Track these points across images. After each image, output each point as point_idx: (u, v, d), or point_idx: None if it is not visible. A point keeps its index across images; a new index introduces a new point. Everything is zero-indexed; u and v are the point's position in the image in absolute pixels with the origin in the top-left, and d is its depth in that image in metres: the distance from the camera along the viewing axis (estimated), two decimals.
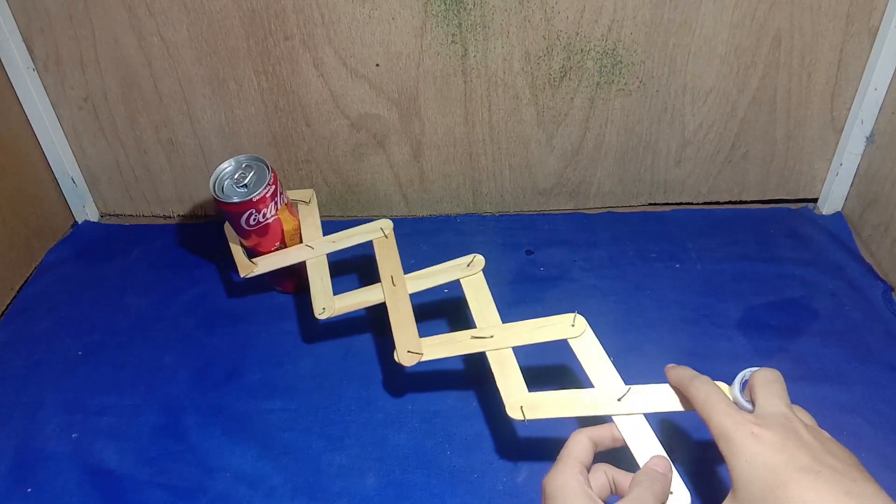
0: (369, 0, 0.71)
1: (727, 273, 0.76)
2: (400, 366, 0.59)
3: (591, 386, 0.53)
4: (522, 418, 0.53)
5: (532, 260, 0.79)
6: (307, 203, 0.75)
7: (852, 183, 0.82)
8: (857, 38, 0.73)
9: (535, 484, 0.57)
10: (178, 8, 0.72)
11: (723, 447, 0.43)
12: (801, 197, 0.86)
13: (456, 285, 0.64)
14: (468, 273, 0.64)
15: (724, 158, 0.83)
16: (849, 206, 0.83)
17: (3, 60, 0.75)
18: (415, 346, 0.59)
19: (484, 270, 0.64)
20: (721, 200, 0.86)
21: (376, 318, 0.73)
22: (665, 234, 0.82)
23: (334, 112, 0.79)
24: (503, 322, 0.60)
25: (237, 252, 0.72)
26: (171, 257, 0.82)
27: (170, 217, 0.89)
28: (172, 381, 0.67)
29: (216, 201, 0.67)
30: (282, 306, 0.75)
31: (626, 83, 0.77)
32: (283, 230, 0.71)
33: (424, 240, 0.82)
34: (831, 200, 0.83)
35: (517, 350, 0.58)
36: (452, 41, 0.73)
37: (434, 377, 0.66)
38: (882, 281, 0.74)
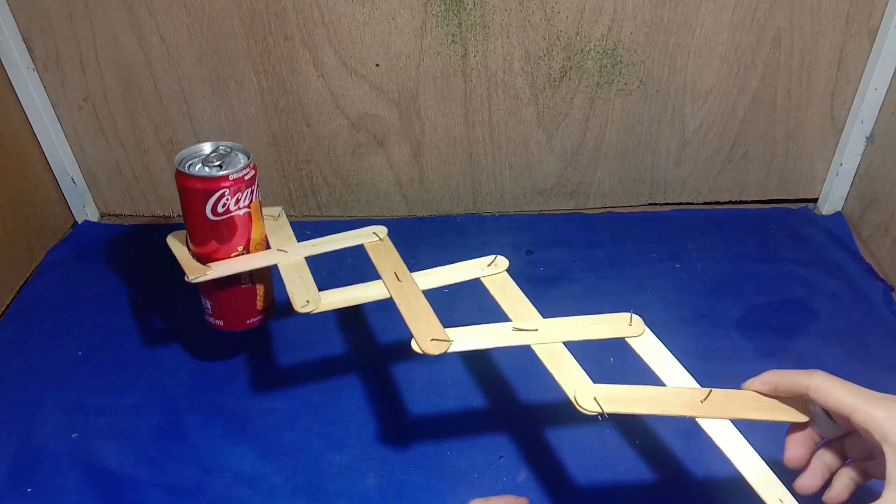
0: (369, 0, 0.71)
1: (727, 273, 0.76)
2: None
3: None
4: (600, 411, 0.46)
5: (532, 260, 0.79)
6: (275, 219, 0.66)
7: (852, 183, 0.82)
8: (857, 38, 0.73)
9: (535, 484, 0.57)
10: (178, 8, 0.72)
11: (877, 437, 0.39)
12: (801, 197, 0.86)
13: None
14: (490, 273, 0.59)
15: (724, 158, 0.83)
16: (849, 206, 0.83)
17: (3, 60, 0.75)
18: (439, 334, 0.53)
19: None
20: (721, 200, 0.86)
21: (377, 317, 0.73)
22: (665, 234, 0.82)
23: (334, 112, 0.79)
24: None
25: (182, 253, 0.61)
26: (171, 257, 0.82)
27: (170, 217, 0.89)
28: (172, 381, 0.67)
29: (179, 179, 0.57)
30: (281, 306, 0.75)
31: (626, 83, 0.77)
32: (250, 231, 0.60)
33: (424, 240, 0.82)
34: (831, 200, 0.83)
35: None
36: (452, 41, 0.73)
37: (434, 377, 0.66)
38: (882, 281, 0.74)
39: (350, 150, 0.82)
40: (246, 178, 0.57)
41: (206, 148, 0.60)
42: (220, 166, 0.57)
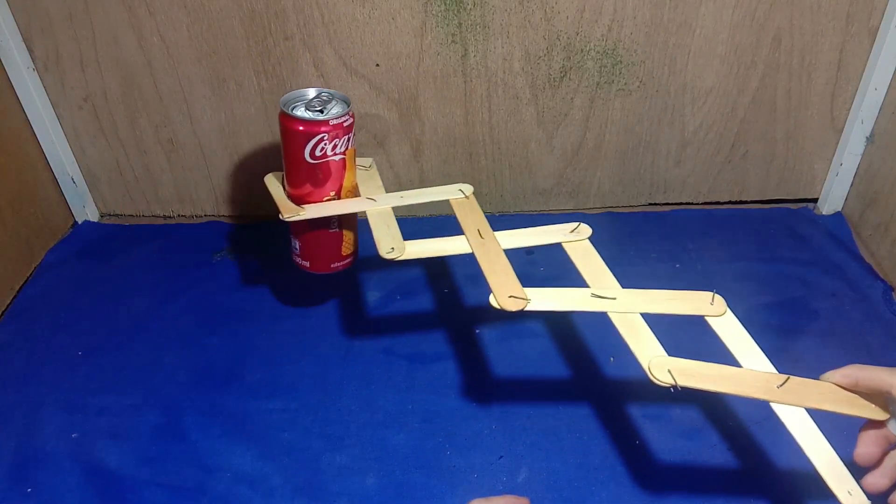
0: (369, 0, 0.71)
1: (727, 273, 0.76)
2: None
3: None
4: (673, 383, 0.45)
5: (532, 260, 0.79)
6: (367, 169, 0.68)
7: (852, 183, 0.82)
8: (857, 38, 0.73)
9: (535, 484, 0.57)
10: (178, 8, 0.72)
11: None
12: (801, 197, 0.86)
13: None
14: (572, 238, 0.59)
15: (724, 158, 0.83)
16: (849, 206, 0.83)
17: (3, 60, 0.75)
18: (518, 292, 0.52)
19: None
20: (721, 200, 0.86)
21: (376, 318, 0.73)
22: (665, 234, 0.82)
23: None
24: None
25: (279, 194, 0.64)
26: (171, 257, 0.82)
27: (170, 217, 0.89)
28: (172, 381, 0.67)
29: (282, 120, 0.60)
30: (282, 306, 0.75)
31: (626, 83, 0.77)
32: (343, 178, 0.62)
33: (426, 238, 0.82)
34: (831, 200, 0.83)
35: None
36: (452, 41, 0.73)
37: (434, 377, 0.66)
38: (882, 281, 0.74)
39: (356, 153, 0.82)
40: (345, 124, 0.60)
41: (311, 93, 0.62)
42: (321, 111, 0.60)
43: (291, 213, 0.61)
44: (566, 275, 0.76)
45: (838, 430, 0.45)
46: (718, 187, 0.85)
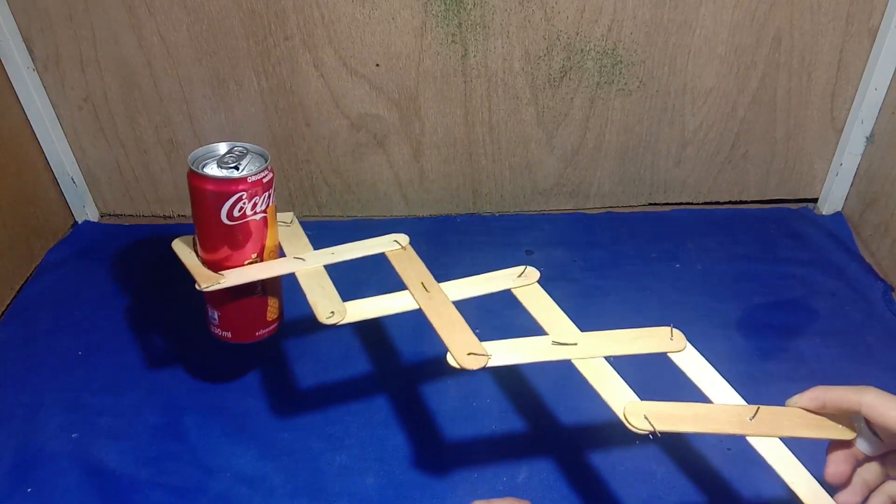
0: (369, 0, 0.71)
1: (727, 273, 0.76)
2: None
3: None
4: (652, 429, 0.45)
5: (532, 260, 0.79)
6: (288, 224, 0.63)
7: (852, 183, 0.82)
8: (857, 38, 0.73)
9: (535, 484, 0.57)
10: (178, 8, 0.72)
11: None
12: (801, 197, 0.86)
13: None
14: (521, 283, 0.57)
15: (724, 158, 0.83)
16: (849, 206, 0.83)
17: (3, 60, 0.75)
18: (476, 348, 0.51)
19: (483, 270, 0.64)
20: (721, 200, 0.86)
21: (376, 318, 0.73)
22: (665, 234, 0.82)
23: (334, 112, 0.79)
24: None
25: (191, 261, 0.58)
26: (170, 257, 0.82)
27: (170, 217, 0.89)
28: (172, 381, 0.67)
29: (193, 180, 0.54)
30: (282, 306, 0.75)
31: (626, 83, 0.77)
32: (265, 238, 0.57)
33: (424, 240, 0.82)
34: (831, 200, 0.83)
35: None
36: (452, 41, 0.73)
37: (434, 377, 0.66)
38: (882, 281, 0.74)
39: (350, 150, 0.82)
40: (264, 180, 0.55)
41: (222, 148, 0.57)
42: (237, 168, 0.54)
43: (209, 282, 0.55)
44: (566, 275, 0.77)
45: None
46: (718, 187, 0.85)
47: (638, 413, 0.46)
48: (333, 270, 0.59)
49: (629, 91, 0.77)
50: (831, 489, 0.44)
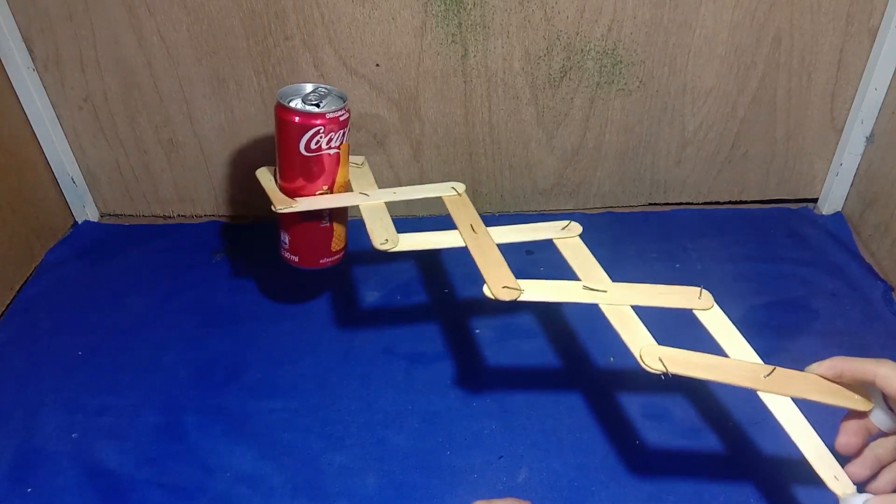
0: (369, 0, 0.71)
1: (727, 273, 0.76)
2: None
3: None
4: (664, 370, 0.47)
5: (532, 260, 0.79)
6: (359, 166, 0.69)
7: (852, 183, 0.82)
8: (857, 38, 0.73)
9: (535, 484, 0.57)
10: (178, 8, 0.72)
11: None
12: (801, 197, 0.86)
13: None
14: (563, 235, 0.60)
15: (724, 158, 0.83)
16: (849, 206, 0.83)
17: (3, 60, 0.75)
18: (511, 283, 0.54)
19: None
20: (721, 200, 0.86)
21: (376, 318, 0.73)
22: (665, 234, 0.82)
23: None
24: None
25: (271, 186, 0.64)
26: (171, 257, 0.82)
27: (170, 217, 0.89)
28: (172, 381, 0.67)
29: (279, 112, 0.60)
30: (282, 306, 0.75)
31: (626, 83, 0.77)
32: (336, 173, 0.63)
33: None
34: (831, 200, 0.83)
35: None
36: (452, 41, 0.73)
37: (434, 377, 0.66)
38: (882, 281, 0.74)
39: (350, 150, 0.82)
40: (340, 119, 0.60)
41: (308, 88, 0.63)
42: (318, 105, 0.60)
43: (284, 205, 0.62)
44: (566, 275, 0.77)
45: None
46: (718, 187, 0.85)
47: (653, 355, 0.48)
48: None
49: (629, 91, 0.77)
50: (842, 459, 0.45)
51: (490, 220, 0.86)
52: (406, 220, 0.85)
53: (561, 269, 0.78)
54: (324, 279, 0.78)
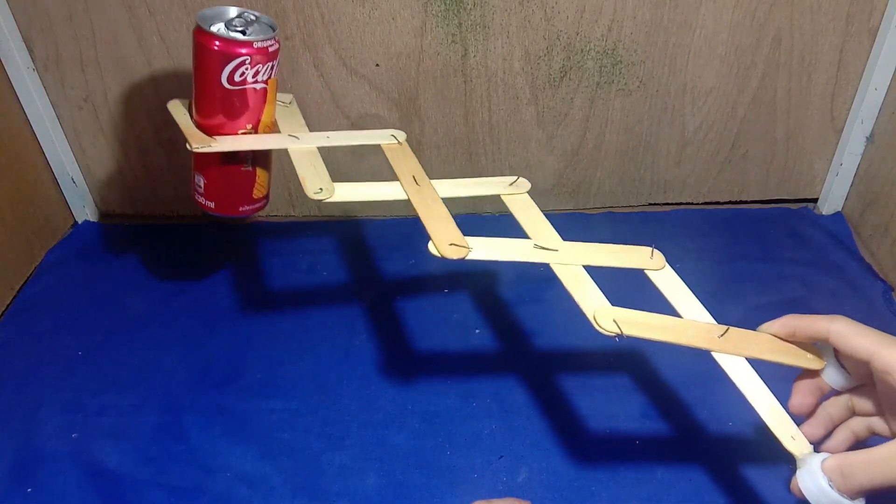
0: (369, 0, 0.71)
1: (727, 273, 0.76)
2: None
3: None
4: (618, 332, 0.45)
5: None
6: (286, 105, 0.62)
7: (852, 183, 0.82)
8: (857, 38, 0.73)
9: (535, 484, 0.57)
10: (178, 8, 0.72)
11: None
12: (801, 197, 0.86)
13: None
14: (511, 191, 0.57)
15: (724, 158, 0.83)
16: (849, 206, 0.83)
17: (3, 60, 0.75)
18: (458, 240, 0.51)
19: (483, 270, 0.64)
20: (721, 200, 0.86)
21: (377, 316, 0.73)
22: (665, 234, 0.82)
23: (334, 112, 0.79)
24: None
25: (185, 122, 0.57)
26: (170, 257, 0.82)
27: (170, 217, 0.89)
28: (172, 381, 0.67)
29: (197, 37, 0.53)
30: (281, 306, 0.75)
31: (626, 83, 0.77)
32: (262, 111, 0.56)
33: (424, 240, 0.82)
34: (831, 200, 0.83)
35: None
36: (452, 41, 0.73)
37: (434, 376, 0.66)
38: (882, 281, 0.74)
39: (350, 150, 0.82)
40: (269, 49, 0.54)
41: (232, 11, 0.56)
42: (243, 32, 0.54)
43: (202, 143, 0.54)
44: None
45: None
46: (718, 187, 0.85)
47: (607, 316, 0.47)
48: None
49: (629, 91, 0.77)
50: (797, 420, 0.45)
51: (490, 219, 0.86)
52: (407, 219, 0.85)
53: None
54: (324, 279, 0.78)
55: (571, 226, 0.83)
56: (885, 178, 0.76)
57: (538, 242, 0.52)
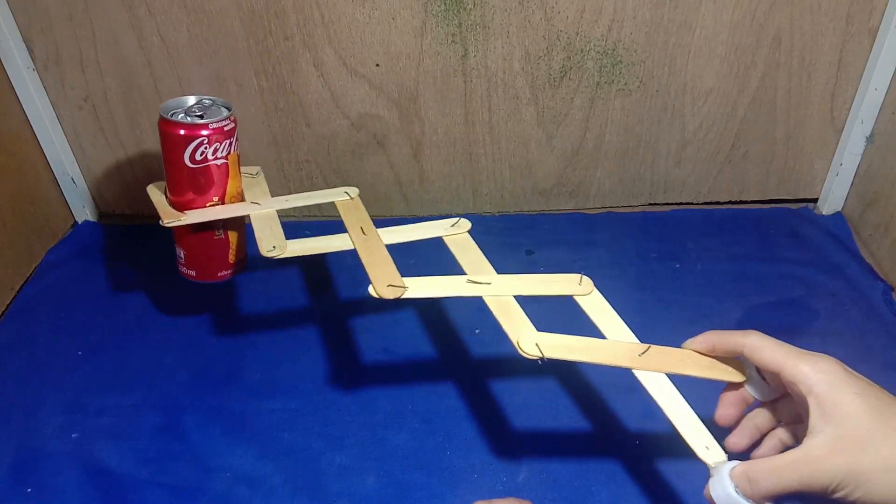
0: (369, 0, 0.71)
1: (727, 273, 0.76)
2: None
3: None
4: (540, 356, 0.48)
5: (532, 260, 0.79)
6: (253, 176, 0.68)
7: (852, 183, 0.82)
8: (857, 38, 0.73)
9: (535, 484, 0.57)
10: (178, 8, 0.72)
11: (803, 390, 0.40)
12: (801, 197, 0.86)
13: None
14: (452, 232, 0.61)
15: (724, 158, 0.83)
16: (849, 206, 0.83)
17: (3, 60, 0.75)
18: (396, 281, 0.55)
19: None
20: (721, 200, 0.86)
21: (376, 318, 0.73)
22: (665, 234, 0.82)
23: (334, 112, 0.79)
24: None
25: (159, 200, 0.63)
26: (171, 257, 0.82)
27: None
28: (172, 381, 0.67)
29: (162, 126, 0.60)
30: (282, 306, 0.75)
31: (626, 83, 0.77)
32: (226, 184, 0.62)
33: (424, 240, 0.82)
34: (831, 200, 0.83)
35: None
36: (452, 41, 0.73)
37: (434, 377, 0.66)
38: (882, 281, 0.74)
39: (350, 150, 0.82)
40: (225, 129, 0.60)
41: (190, 100, 0.63)
42: (201, 117, 0.60)
43: (171, 218, 0.61)
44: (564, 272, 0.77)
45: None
46: (718, 187, 0.85)
47: (530, 341, 0.49)
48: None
49: (629, 91, 0.77)
50: (723, 431, 0.46)
51: (490, 220, 0.87)
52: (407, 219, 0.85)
53: (561, 269, 0.78)
54: (324, 279, 0.78)
55: (571, 226, 0.85)
56: (885, 178, 0.76)
57: (471, 277, 0.56)
